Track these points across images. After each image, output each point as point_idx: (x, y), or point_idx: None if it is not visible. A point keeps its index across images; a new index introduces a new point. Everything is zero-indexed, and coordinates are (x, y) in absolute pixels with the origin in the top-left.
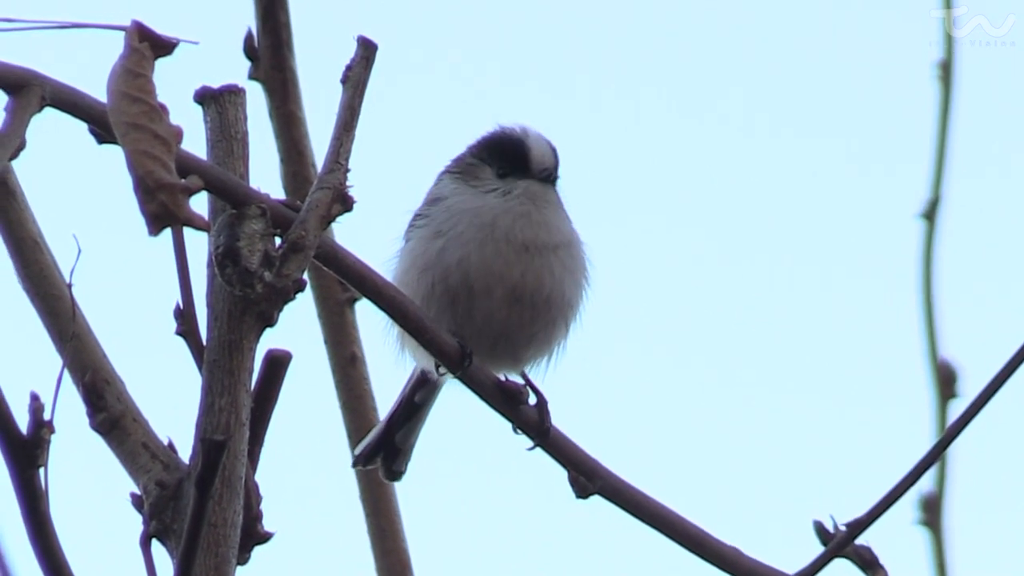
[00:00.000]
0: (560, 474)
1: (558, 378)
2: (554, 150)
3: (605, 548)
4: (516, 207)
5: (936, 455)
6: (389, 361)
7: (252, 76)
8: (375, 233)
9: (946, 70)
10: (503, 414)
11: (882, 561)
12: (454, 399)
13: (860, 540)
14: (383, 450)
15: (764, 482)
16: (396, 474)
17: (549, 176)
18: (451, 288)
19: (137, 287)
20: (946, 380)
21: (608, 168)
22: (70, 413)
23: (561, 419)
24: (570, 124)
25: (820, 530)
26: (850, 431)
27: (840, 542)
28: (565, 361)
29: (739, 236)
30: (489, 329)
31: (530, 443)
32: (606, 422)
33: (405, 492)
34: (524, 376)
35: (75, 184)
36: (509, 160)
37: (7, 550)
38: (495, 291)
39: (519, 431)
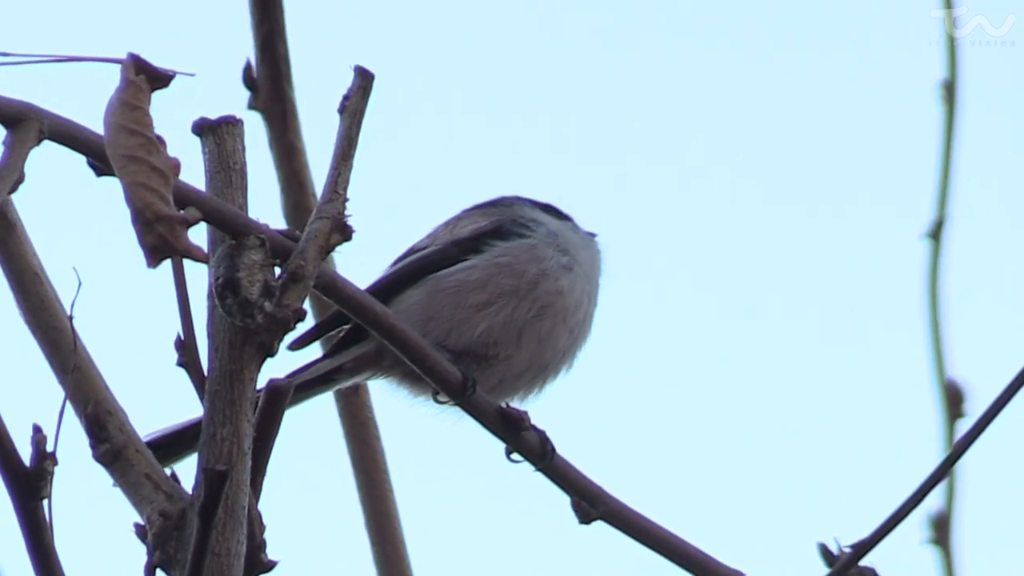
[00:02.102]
0: (563, 500)
1: (559, 404)
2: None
3: (609, 573)
4: (579, 286)
5: (941, 475)
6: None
7: (251, 106)
8: (375, 262)
9: (950, 90)
10: (504, 440)
11: None
12: (456, 425)
13: (866, 561)
14: None
15: (768, 504)
16: None
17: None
18: (498, 316)
19: (138, 318)
20: (953, 399)
21: (608, 196)
22: (73, 445)
23: (563, 445)
24: (569, 153)
25: (824, 552)
26: (857, 452)
27: (845, 564)
28: (563, 387)
29: (742, 259)
30: (493, 375)
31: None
32: (608, 447)
33: (410, 519)
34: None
35: (74, 216)
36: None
37: None
38: (526, 350)
39: (518, 456)
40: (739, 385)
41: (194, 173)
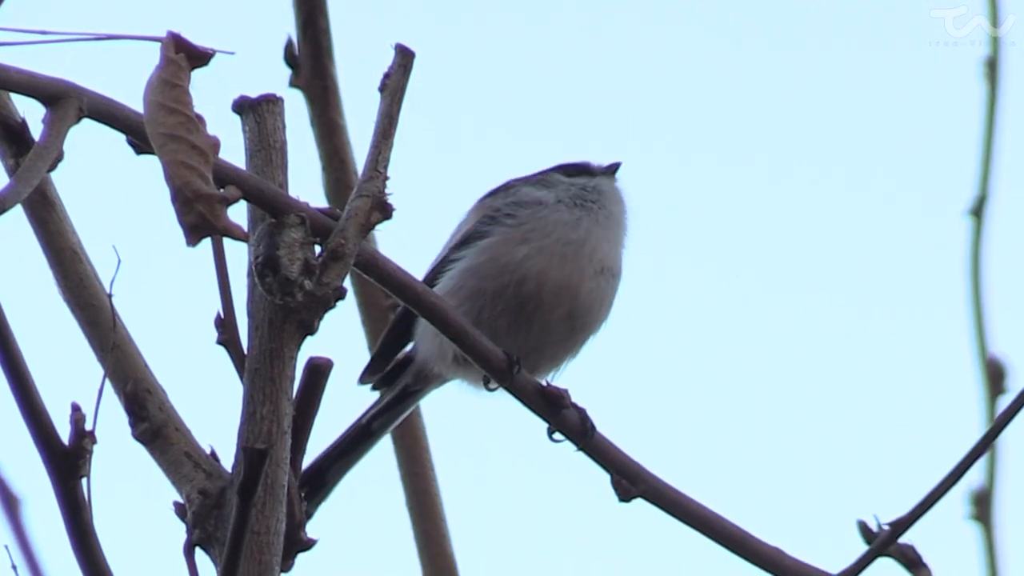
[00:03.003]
0: (603, 478)
1: (600, 382)
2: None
3: (648, 551)
4: (602, 219)
5: (980, 451)
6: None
7: (293, 84)
8: (416, 240)
9: (992, 67)
10: (545, 419)
11: (926, 560)
12: (494, 404)
13: (905, 538)
14: (308, 486)
15: (807, 481)
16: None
17: (615, 169)
18: (523, 294)
19: (177, 297)
20: (995, 376)
21: (647, 170)
22: (112, 423)
23: (601, 422)
24: (614, 128)
25: (864, 529)
26: (898, 429)
27: (884, 541)
28: (601, 364)
29: (784, 231)
30: (535, 340)
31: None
32: (646, 425)
33: (451, 497)
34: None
35: (114, 195)
36: (572, 170)
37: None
38: (561, 307)
39: (560, 436)
40: (779, 362)
41: (234, 152)
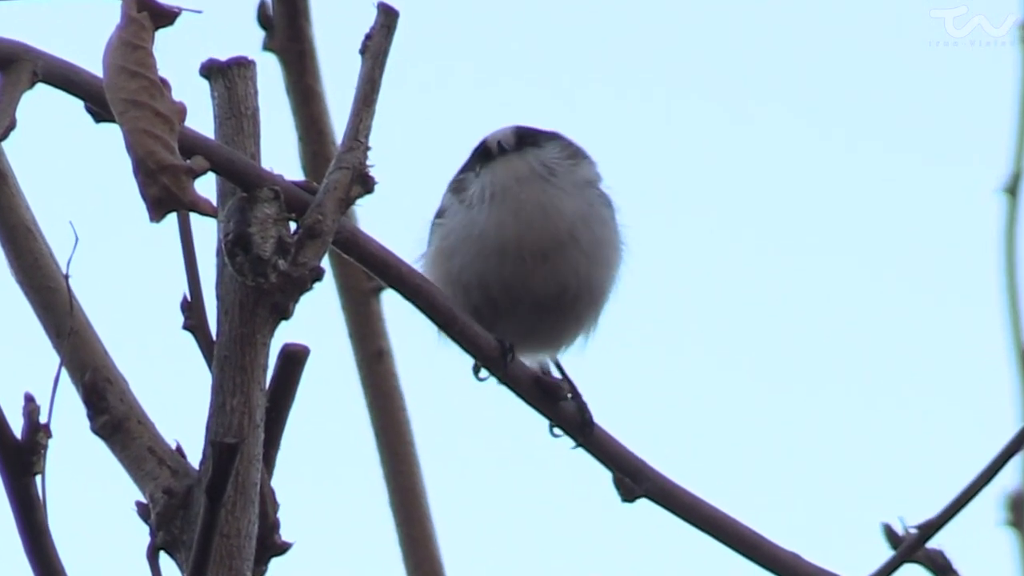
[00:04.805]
0: (604, 476)
1: (601, 374)
2: (517, 127)
3: (653, 554)
4: (495, 213)
5: (1015, 449)
6: (420, 355)
7: (266, 47)
8: (400, 216)
9: None
10: (541, 412)
11: (956, 566)
12: (487, 398)
13: (933, 543)
14: None
15: (828, 480)
16: None
17: (505, 146)
18: (474, 304)
19: (140, 278)
20: None
21: (656, 153)
22: (69, 416)
23: (604, 417)
24: (604, 90)
25: (889, 533)
26: (926, 425)
27: (911, 545)
28: (602, 353)
29: (807, 214)
30: (521, 330)
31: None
32: (652, 420)
33: (438, 497)
34: (560, 370)
35: (71, 167)
36: (479, 157)
37: None
38: (522, 304)
39: (559, 431)
40: (799, 352)
41: (202, 120)
